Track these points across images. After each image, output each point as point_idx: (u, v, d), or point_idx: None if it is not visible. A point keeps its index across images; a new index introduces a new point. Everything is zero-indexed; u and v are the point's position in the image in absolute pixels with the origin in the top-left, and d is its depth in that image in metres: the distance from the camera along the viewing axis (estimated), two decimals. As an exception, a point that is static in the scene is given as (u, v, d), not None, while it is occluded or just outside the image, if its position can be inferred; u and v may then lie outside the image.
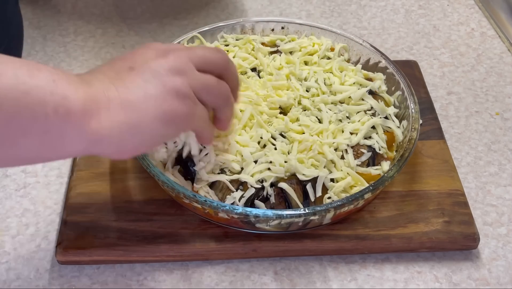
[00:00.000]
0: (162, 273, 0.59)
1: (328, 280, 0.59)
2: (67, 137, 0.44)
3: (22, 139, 0.42)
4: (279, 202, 0.58)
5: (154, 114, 0.47)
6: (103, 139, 0.45)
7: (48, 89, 0.42)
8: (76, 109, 0.43)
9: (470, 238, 0.60)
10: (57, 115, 0.42)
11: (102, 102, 0.45)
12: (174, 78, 0.48)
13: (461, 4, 0.95)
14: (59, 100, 0.42)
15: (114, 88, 0.46)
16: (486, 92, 0.79)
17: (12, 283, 0.58)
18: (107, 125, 0.45)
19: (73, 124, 0.43)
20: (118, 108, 0.45)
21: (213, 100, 0.52)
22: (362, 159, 0.61)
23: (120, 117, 0.45)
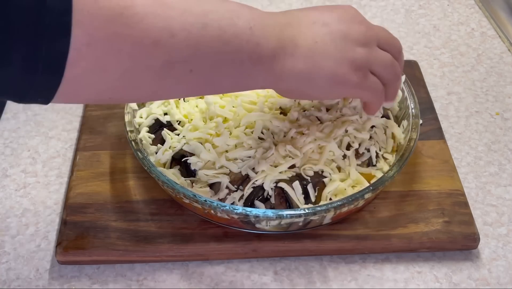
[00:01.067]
0: (162, 273, 0.59)
1: (328, 280, 0.59)
2: (255, 77, 0.50)
3: (221, 81, 0.48)
4: (280, 202, 0.58)
5: (327, 73, 0.51)
6: (282, 80, 0.51)
7: (245, 38, 0.47)
8: (266, 55, 0.48)
9: (470, 238, 0.60)
10: (250, 60, 0.48)
11: (289, 48, 0.50)
12: (357, 49, 0.52)
13: (461, 4, 0.95)
14: (253, 47, 0.47)
15: (304, 37, 0.50)
16: (486, 92, 0.79)
17: (12, 283, 0.58)
18: (289, 69, 0.50)
19: (262, 67, 0.49)
20: (301, 57, 0.50)
21: (386, 75, 0.55)
22: (362, 159, 0.61)
23: (300, 66, 0.50)
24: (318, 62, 0.51)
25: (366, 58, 0.53)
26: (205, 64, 0.46)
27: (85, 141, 0.69)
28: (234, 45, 0.46)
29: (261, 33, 0.48)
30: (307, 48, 0.50)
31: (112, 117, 0.72)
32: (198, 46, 0.44)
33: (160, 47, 0.42)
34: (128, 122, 0.62)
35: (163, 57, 0.43)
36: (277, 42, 0.49)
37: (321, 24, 0.52)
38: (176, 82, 0.46)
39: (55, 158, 0.70)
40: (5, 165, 0.69)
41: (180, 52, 0.44)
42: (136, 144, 0.60)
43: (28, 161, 0.69)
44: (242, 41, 0.47)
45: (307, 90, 0.53)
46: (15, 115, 0.75)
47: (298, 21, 0.52)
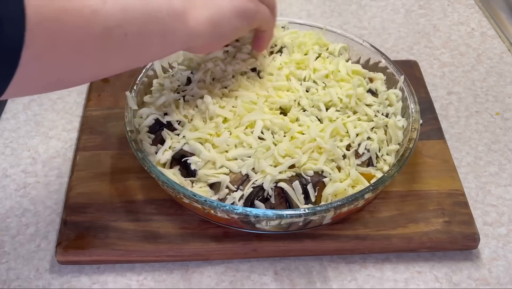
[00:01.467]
0: (162, 273, 0.59)
1: (328, 280, 0.59)
2: (177, 33, 0.54)
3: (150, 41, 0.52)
4: (280, 202, 0.58)
5: (229, 9, 0.57)
6: (199, 34, 0.55)
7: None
8: (179, 9, 0.53)
9: (470, 238, 0.60)
10: (169, 17, 0.52)
11: (191, 1, 0.54)
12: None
13: (461, 4, 0.95)
14: (168, 4, 0.52)
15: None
16: (486, 92, 0.79)
17: (12, 283, 0.58)
18: (199, 20, 0.55)
19: (179, 21, 0.53)
20: (202, 6, 0.55)
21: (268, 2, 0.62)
22: (362, 159, 0.61)
23: (205, 13, 0.55)
24: (217, 4, 0.56)
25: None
26: (136, 24, 0.50)
27: (85, 142, 0.69)
28: (154, 4, 0.51)
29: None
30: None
31: (112, 117, 0.72)
32: (126, 8, 0.48)
33: (97, 14, 0.46)
34: (128, 122, 0.62)
35: (101, 24, 0.47)
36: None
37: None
38: (114, 50, 0.49)
39: (55, 158, 0.70)
40: (5, 165, 0.69)
41: (113, 16, 0.47)
42: (136, 144, 0.60)
43: (28, 161, 0.69)
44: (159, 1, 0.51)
45: (222, 32, 0.58)
46: (15, 115, 0.75)
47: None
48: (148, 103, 0.66)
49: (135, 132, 0.62)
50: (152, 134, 0.63)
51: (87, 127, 0.71)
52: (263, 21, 0.62)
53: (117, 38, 0.48)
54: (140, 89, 0.67)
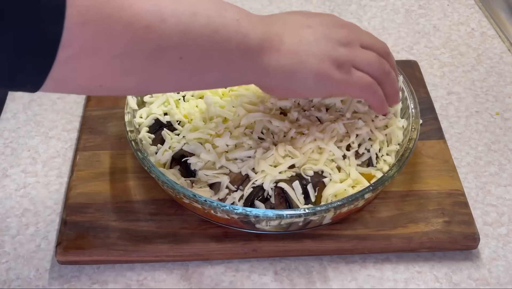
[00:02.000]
0: (162, 273, 0.59)
1: (328, 280, 0.59)
2: (243, 69, 0.51)
3: (210, 70, 0.49)
4: (280, 202, 0.58)
5: (310, 69, 0.53)
6: (268, 75, 0.52)
7: (233, 28, 0.48)
8: (254, 46, 0.50)
9: (470, 238, 0.60)
10: (238, 50, 0.49)
11: (275, 43, 0.52)
12: (339, 48, 0.55)
13: (461, 4, 0.95)
14: (241, 38, 0.49)
15: (288, 35, 0.53)
16: (486, 92, 0.79)
17: (12, 283, 0.58)
18: (274, 63, 0.52)
19: (249, 58, 0.50)
20: (286, 52, 0.52)
21: (372, 71, 0.57)
22: (362, 159, 0.61)
23: (285, 61, 0.52)
24: (302, 59, 0.53)
25: (348, 55, 0.55)
26: (195, 51, 0.47)
27: (85, 142, 0.69)
28: (223, 34, 0.48)
29: (248, 26, 0.50)
30: (292, 45, 0.53)
31: (112, 117, 0.72)
32: (188, 33, 0.45)
33: (151, 31, 0.43)
34: (128, 122, 0.62)
35: (154, 42, 0.44)
36: (263, 35, 0.51)
37: (305, 26, 0.55)
38: (166, 70, 0.46)
39: (55, 158, 0.70)
40: (5, 165, 0.69)
41: (170, 37, 0.44)
42: (136, 144, 0.60)
43: (28, 161, 0.69)
44: (230, 31, 0.48)
45: (292, 86, 0.54)
46: (15, 115, 0.75)
47: (283, 21, 0.54)
48: (148, 103, 0.66)
49: (135, 132, 0.62)
50: (152, 135, 0.63)
51: (87, 127, 0.71)
52: (353, 92, 0.58)
53: (170, 59, 0.46)
54: (140, 89, 0.67)
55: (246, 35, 0.49)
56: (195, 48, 0.46)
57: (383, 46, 0.61)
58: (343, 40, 0.56)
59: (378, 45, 0.60)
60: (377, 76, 0.58)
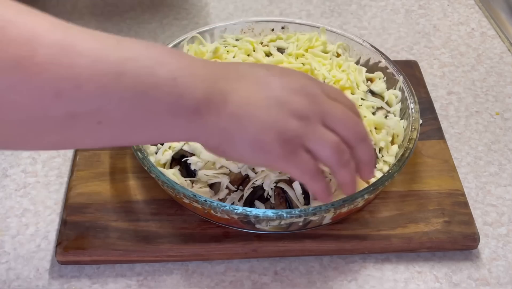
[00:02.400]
0: (162, 273, 0.59)
1: (328, 280, 0.59)
2: (174, 130, 0.46)
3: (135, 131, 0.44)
4: (280, 202, 0.58)
5: (249, 137, 0.47)
6: (202, 136, 0.47)
7: (166, 89, 0.43)
8: (189, 108, 0.44)
9: (470, 238, 0.60)
10: (169, 113, 0.44)
11: (215, 104, 0.45)
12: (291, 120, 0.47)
13: (461, 4, 0.95)
14: (174, 99, 0.43)
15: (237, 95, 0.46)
16: (486, 92, 0.79)
17: (12, 283, 0.58)
18: (210, 127, 0.46)
19: (181, 121, 0.45)
20: (227, 116, 0.46)
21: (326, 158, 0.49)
22: (362, 159, 0.61)
23: (223, 124, 0.46)
24: (243, 124, 0.46)
25: (300, 132, 0.47)
26: (116, 116, 0.42)
27: (85, 142, 0.69)
28: (151, 97, 0.42)
29: (187, 84, 0.44)
30: (236, 107, 0.46)
31: (112, 117, 0.72)
32: (108, 97, 0.41)
33: (62, 98, 0.39)
34: (128, 122, 0.62)
35: (66, 108, 0.40)
36: (203, 95, 0.45)
37: (261, 86, 0.48)
38: (82, 133, 0.43)
39: (55, 158, 0.70)
40: (5, 165, 0.69)
41: (86, 103, 0.40)
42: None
43: (28, 161, 0.69)
44: (161, 93, 0.43)
45: (229, 151, 0.48)
46: (15, 115, 0.75)
47: (238, 76, 0.48)
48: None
49: (135, 133, 0.62)
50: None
51: (87, 127, 0.71)
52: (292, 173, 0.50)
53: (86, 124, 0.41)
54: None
55: (181, 97, 0.43)
56: (116, 113, 0.42)
57: (356, 130, 0.50)
58: (300, 112, 0.47)
59: (349, 127, 0.50)
60: (329, 164, 0.50)
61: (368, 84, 0.69)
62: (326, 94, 0.50)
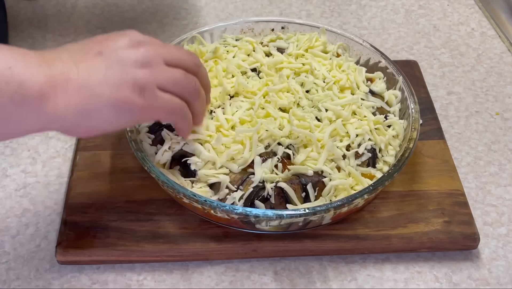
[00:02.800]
0: (162, 273, 0.59)
1: (328, 280, 0.59)
2: (25, 120, 0.45)
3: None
4: (280, 202, 0.58)
5: (107, 101, 0.48)
6: (58, 120, 0.47)
7: (4, 79, 0.43)
8: (32, 94, 0.44)
9: (470, 238, 0.60)
10: (13, 102, 0.44)
11: (60, 84, 0.46)
12: (137, 70, 0.49)
13: (461, 4, 0.95)
14: (15, 88, 0.44)
15: (76, 70, 0.47)
16: (486, 92, 0.79)
17: (12, 283, 0.58)
18: (62, 107, 0.46)
19: (29, 108, 0.45)
20: (75, 90, 0.46)
21: (181, 92, 0.53)
22: (362, 159, 0.61)
23: (75, 100, 0.47)
24: (94, 92, 0.47)
25: (149, 77, 0.50)
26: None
27: (85, 142, 0.69)
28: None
29: (24, 72, 0.44)
30: (81, 81, 0.47)
31: (112, 117, 0.72)
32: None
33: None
34: (128, 122, 0.62)
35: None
36: (45, 79, 0.45)
37: (94, 54, 0.49)
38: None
39: (55, 158, 0.70)
40: (5, 165, 0.69)
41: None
42: (136, 144, 0.60)
43: (28, 161, 0.69)
44: (0, 83, 0.43)
45: (93, 124, 0.49)
46: (15, 115, 0.75)
47: (69, 54, 0.49)
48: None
49: (135, 133, 0.62)
50: (152, 135, 0.63)
51: (87, 127, 0.71)
52: (161, 116, 0.53)
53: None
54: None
55: (21, 84, 0.44)
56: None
57: (192, 59, 0.55)
58: (142, 60, 0.50)
59: (186, 58, 0.54)
60: (185, 96, 0.53)
61: (368, 84, 0.69)
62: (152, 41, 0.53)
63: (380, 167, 0.62)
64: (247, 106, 0.63)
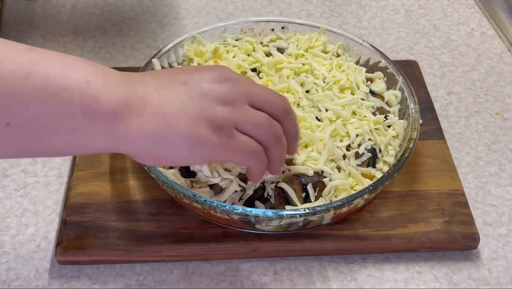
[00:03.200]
0: (162, 273, 0.59)
1: (328, 280, 0.59)
2: (93, 136, 0.44)
3: (48, 138, 0.43)
4: (280, 202, 0.58)
5: (181, 133, 0.46)
6: (128, 142, 0.45)
7: (79, 91, 0.42)
8: (105, 111, 0.43)
9: (470, 238, 0.60)
10: (84, 116, 0.42)
11: (137, 107, 0.45)
12: (217, 107, 0.47)
13: (461, 4, 0.95)
14: (88, 102, 0.42)
15: (156, 96, 0.46)
16: (486, 92, 0.79)
17: (12, 283, 0.58)
18: (134, 130, 0.45)
19: (100, 125, 0.43)
20: (150, 116, 0.45)
21: (260, 135, 0.49)
22: (362, 159, 0.61)
23: (149, 126, 0.45)
24: (170, 122, 0.45)
25: (229, 116, 0.47)
26: (25, 117, 0.41)
27: (85, 142, 0.69)
28: (63, 98, 0.42)
29: (101, 88, 0.43)
30: (159, 107, 0.45)
31: (112, 117, 0.72)
32: (16, 96, 0.40)
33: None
34: (128, 122, 0.62)
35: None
36: (121, 99, 0.44)
37: (179, 83, 0.47)
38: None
39: (55, 158, 0.70)
40: (5, 165, 0.69)
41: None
42: (136, 144, 0.60)
43: (28, 161, 0.69)
44: (74, 95, 0.42)
45: (162, 153, 0.47)
46: (15, 115, 0.75)
47: (153, 78, 0.48)
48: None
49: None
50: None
51: (87, 127, 0.71)
52: (235, 158, 0.49)
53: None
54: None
55: (95, 99, 0.42)
56: (25, 113, 0.41)
57: (281, 104, 0.51)
58: (224, 98, 0.47)
59: (273, 101, 0.51)
60: (264, 142, 0.50)
61: (368, 84, 0.69)
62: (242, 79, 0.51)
63: (380, 167, 0.62)
64: None
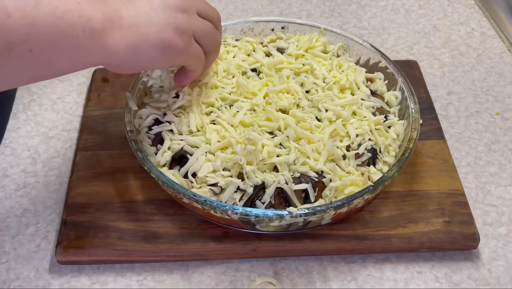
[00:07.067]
0: (162, 273, 0.59)
1: (328, 280, 0.59)
2: (91, 52, 0.50)
3: (60, 58, 0.48)
4: (279, 202, 0.58)
5: (154, 40, 0.53)
6: (113, 54, 0.51)
7: (76, 12, 0.47)
8: (98, 28, 0.49)
9: (470, 238, 0.60)
10: (84, 34, 0.48)
11: (116, 21, 0.51)
12: (178, 15, 0.54)
13: (461, 4, 0.95)
14: (85, 21, 0.48)
15: (126, 9, 0.52)
16: (486, 92, 0.79)
17: (12, 283, 0.58)
18: (118, 42, 0.51)
19: (95, 41, 0.49)
20: (127, 28, 0.51)
21: (207, 43, 0.58)
22: (362, 159, 0.61)
23: (128, 37, 0.51)
24: (143, 31, 0.52)
25: (188, 23, 0.55)
26: (44, 41, 0.46)
27: (85, 142, 0.69)
28: (68, 20, 0.47)
29: (89, 7, 0.49)
30: (131, 19, 0.52)
31: (112, 117, 0.72)
32: (34, 24, 0.45)
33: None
34: (128, 122, 0.62)
35: (3, 38, 0.44)
36: (103, 15, 0.50)
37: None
38: (16, 64, 0.46)
39: (55, 158, 0.70)
40: (5, 165, 0.69)
41: (18, 31, 0.44)
42: (136, 144, 0.60)
43: (28, 161, 0.69)
44: (74, 16, 0.47)
45: (137, 60, 0.53)
46: (15, 115, 0.75)
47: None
48: (148, 104, 0.66)
49: (135, 133, 0.62)
50: (152, 135, 0.63)
51: (87, 127, 0.71)
52: (190, 62, 0.58)
53: (20, 53, 0.45)
54: (140, 89, 0.67)
55: (89, 18, 0.48)
56: (44, 39, 0.46)
57: (217, 15, 0.61)
58: (180, 6, 0.55)
59: (212, 13, 0.60)
60: (209, 48, 0.59)
61: (368, 85, 0.69)
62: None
63: (380, 167, 0.62)
64: (248, 107, 0.63)
